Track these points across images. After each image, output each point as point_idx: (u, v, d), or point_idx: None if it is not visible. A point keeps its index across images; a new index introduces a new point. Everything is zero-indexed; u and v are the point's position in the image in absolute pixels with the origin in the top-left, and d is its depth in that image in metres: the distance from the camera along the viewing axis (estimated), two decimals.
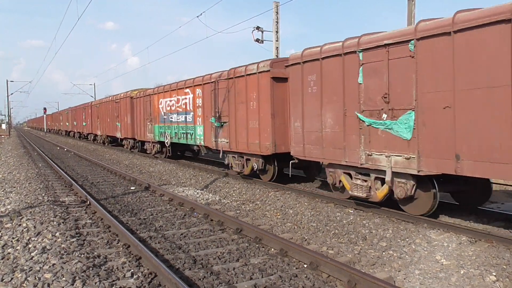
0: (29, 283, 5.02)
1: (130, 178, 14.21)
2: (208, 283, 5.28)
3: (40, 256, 5.98)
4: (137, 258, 6.09)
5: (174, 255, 6.37)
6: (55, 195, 11.17)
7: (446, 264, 5.98)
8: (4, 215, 8.43)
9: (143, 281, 5.23)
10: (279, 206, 9.76)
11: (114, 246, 6.77)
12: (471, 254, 6.20)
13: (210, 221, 8.44)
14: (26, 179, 13.92)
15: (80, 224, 8.12)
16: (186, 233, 7.57)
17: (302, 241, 7.22)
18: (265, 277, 5.48)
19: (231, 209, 9.76)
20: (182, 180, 14.24)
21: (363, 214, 8.63)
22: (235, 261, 6.13)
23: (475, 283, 5.33)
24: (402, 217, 8.17)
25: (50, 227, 7.62)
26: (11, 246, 6.61)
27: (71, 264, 5.61)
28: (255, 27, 21.59)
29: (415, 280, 5.56)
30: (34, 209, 9.08)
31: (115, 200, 10.87)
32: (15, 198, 10.52)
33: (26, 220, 8.08)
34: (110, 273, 5.52)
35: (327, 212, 8.84)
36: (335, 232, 7.64)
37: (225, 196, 11.37)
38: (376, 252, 6.53)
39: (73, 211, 9.30)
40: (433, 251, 6.46)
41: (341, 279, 5.34)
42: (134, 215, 9.09)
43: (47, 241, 6.71)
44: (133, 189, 12.51)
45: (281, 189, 11.46)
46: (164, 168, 17.19)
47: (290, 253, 6.29)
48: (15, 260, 5.91)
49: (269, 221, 8.65)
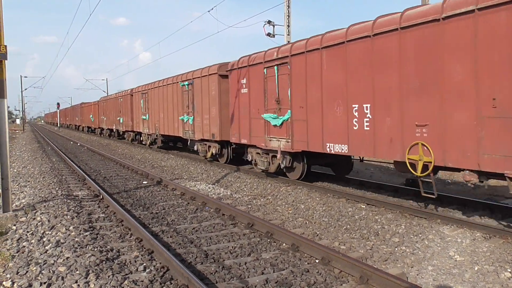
0: (44, 276, 5.09)
1: (143, 173, 14.31)
2: (219, 278, 5.29)
3: (54, 249, 6.06)
4: (150, 252, 6.13)
5: (186, 249, 6.41)
6: (69, 189, 11.30)
7: (459, 260, 5.91)
8: (19, 209, 8.55)
9: (155, 275, 5.26)
10: (291, 201, 9.74)
11: (126, 240, 6.83)
12: (485, 250, 6.12)
13: (222, 216, 8.46)
14: (40, 174, 14.11)
15: (93, 218, 8.20)
16: (198, 228, 7.60)
17: (314, 236, 7.20)
18: (276, 272, 5.48)
19: (243, 203, 9.77)
20: (194, 175, 14.30)
21: (375, 209, 8.57)
22: (246, 255, 6.13)
23: (489, 279, 5.26)
24: (416, 212, 8.09)
25: (64, 221, 7.71)
26: (26, 239, 6.71)
27: (85, 258, 5.68)
28: (266, 21, 21.48)
29: (428, 276, 5.51)
30: (48, 203, 9.20)
31: (128, 194, 10.96)
32: (30, 192, 10.67)
33: (40, 214, 8.19)
34: (123, 266, 5.57)
35: (339, 207, 8.80)
36: (347, 227, 7.60)
37: (236, 190, 11.39)
38: (389, 248, 6.48)
39: (86, 205, 9.40)
40: (447, 247, 6.38)
41: (353, 274, 5.31)
42: (146, 209, 9.15)
43: (61, 235, 6.79)
44: (145, 183, 12.60)
45: (292, 184, 11.44)
46: (176, 163, 17.28)
47: (301, 248, 6.28)
48: (30, 254, 6.00)
49: (281, 216, 8.64)
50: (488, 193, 10.03)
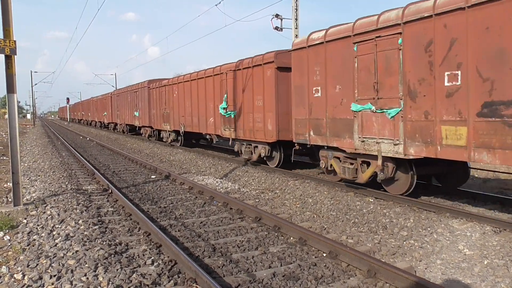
0: (53, 269, 5.14)
1: (151, 167, 14.38)
2: (227, 271, 5.31)
3: (64, 243, 6.12)
4: (158, 246, 6.17)
5: (194, 243, 6.43)
6: (78, 184, 11.40)
7: (469, 254, 5.86)
8: (30, 203, 8.65)
9: (163, 269, 5.30)
10: (298, 195, 9.73)
11: (135, 234, 6.87)
12: (495, 244, 6.05)
13: (230, 210, 8.48)
14: (50, 168, 14.25)
15: (102, 212, 8.27)
16: (206, 222, 7.63)
17: (322, 230, 7.19)
18: (284, 266, 5.48)
19: (250, 197, 9.78)
20: (202, 169, 14.34)
21: (383, 203, 8.53)
22: (254, 249, 6.14)
23: (499, 273, 5.21)
24: (424, 206, 8.03)
25: (73, 214, 7.79)
26: (36, 233, 6.78)
27: (94, 251, 5.73)
28: (274, 14, 21.32)
29: (436, 270, 5.47)
30: (58, 197, 9.29)
31: (136, 188, 11.02)
32: (40, 186, 10.79)
33: (50, 208, 8.28)
34: (131, 260, 5.61)
35: (347, 201, 8.77)
36: (355, 221, 7.57)
37: (244, 185, 11.40)
38: (397, 242, 6.45)
39: (96, 199, 9.48)
40: (456, 240, 6.33)
41: (360, 268, 5.29)
42: (154, 204, 9.20)
43: (71, 229, 6.86)
44: (153, 177, 12.66)
45: (300, 177, 11.41)
46: (184, 157, 17.33)
47: (309, 242, 6.27)
48: (40, 247, 6.06)
49: (288, 210, 8.64)
50: (499, 187, 9.92)
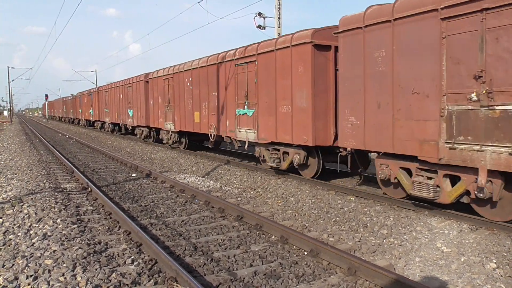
0: (30, 269, 5.03)
1: (132, 165, 14.22)
2: (208, 270, 5.29)
3: (41, 242, 5.99)
4: (138, 245, 6.10)
5: (175, 242, 6.38)
6: (57, 182, 11.19)
7: (446, 251, 5.97)
8: (6, 202, 8.45)
9: (144, 268, 5.24)
10: (280, 193, 9.76)
11: (115, 233, 6.78)
12: (471, 242, 6.19)
13: (211, 208, 8.45)
14: (27, 166, 13.94)
15: (81, 210, 8.13)
16: (187, 220, 7.58)
17: (303, 228, 7.22)
18: (265, 264, 5.49)
19: (232, 196, 9.76)
20: (184, 167, 14.24)
21: (364, 201, 8.62)
22: (235, 248, 6.13)
23: (475, 270, 5.33)
24: (404, 204, 8.15)
25: (51, 213, 7.63)
26: (12, 232, 6.62)
27: (72, 251, 5.62)
28: (257, 13, 21.31)
29: (415, 267, 5.56)
30: (35, 196, 9.10)
31: (116, 187, 10.88)
32: (17, 185, 10.54)
33: (27, 207, 8.09)
34: (111, 259, 5.53)
35: (328, 200, 8.83)
36: (336, 219, 7.64)
37: (226, 183, 11.37)
38: (377, 240, 6.53)
39: (74, 197, 9.31)
40: (434, 238, 6.45)
41: (341, 266, 5.34)
42: (135, 202, 9.10)
43: (48, 228, 6.72)
44: (134, 176, 12.52)
45: (282, 176, 11.45)
46: (166, 155, 17.19)
47: (290, 241, 6.29)
48: (16, 247, 5.92)
49: (270, 208, 8.65)
50: None
